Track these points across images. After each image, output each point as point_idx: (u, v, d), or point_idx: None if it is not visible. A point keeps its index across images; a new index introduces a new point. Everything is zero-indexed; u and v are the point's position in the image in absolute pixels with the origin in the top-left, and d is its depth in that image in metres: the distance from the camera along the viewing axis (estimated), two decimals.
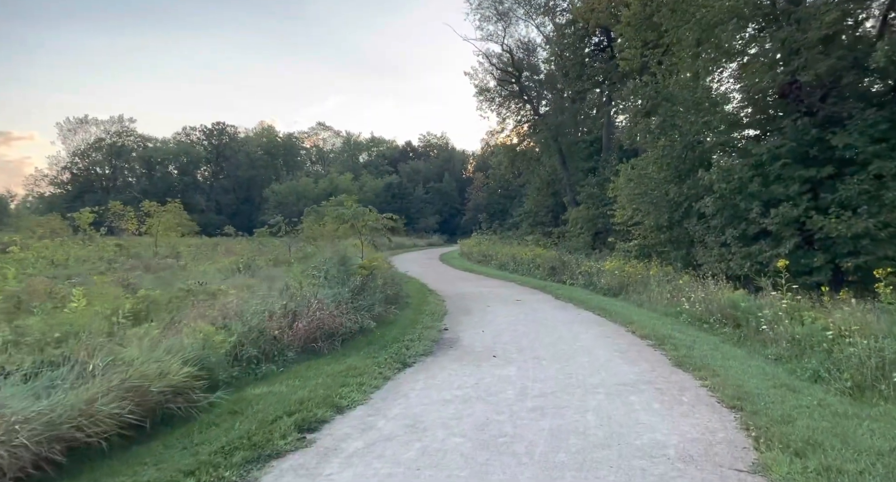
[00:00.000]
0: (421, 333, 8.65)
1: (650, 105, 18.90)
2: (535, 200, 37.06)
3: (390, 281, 12.52)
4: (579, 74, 33.58)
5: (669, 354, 7.35)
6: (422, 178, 72.45)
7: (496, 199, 60.53)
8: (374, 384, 5.75)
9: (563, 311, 11.70)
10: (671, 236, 18.55)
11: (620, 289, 14.68)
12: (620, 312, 11.23)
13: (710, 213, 15.99)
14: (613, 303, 12.94)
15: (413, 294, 14.08)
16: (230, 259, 17.02)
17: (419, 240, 53.99)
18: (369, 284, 9.82)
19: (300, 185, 68.34)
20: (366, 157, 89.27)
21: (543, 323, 10.13)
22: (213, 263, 17.33)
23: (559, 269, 18.65)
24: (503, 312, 11.45)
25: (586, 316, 11.10)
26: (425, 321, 9.86)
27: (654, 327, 9.30)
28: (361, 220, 11.72)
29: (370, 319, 9.23)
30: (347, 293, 9.08)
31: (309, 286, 8.72)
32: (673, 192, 17.85)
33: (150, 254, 22.82)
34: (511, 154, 40.10)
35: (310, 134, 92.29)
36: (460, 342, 8.32)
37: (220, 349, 5.46)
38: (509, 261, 23.17)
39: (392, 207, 65.81)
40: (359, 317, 8.60)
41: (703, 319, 9.93)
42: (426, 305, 11.93)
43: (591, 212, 26.84)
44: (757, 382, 5.78)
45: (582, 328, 9.62)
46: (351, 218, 11.43)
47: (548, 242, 29.72)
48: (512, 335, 8.92)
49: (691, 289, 11.37)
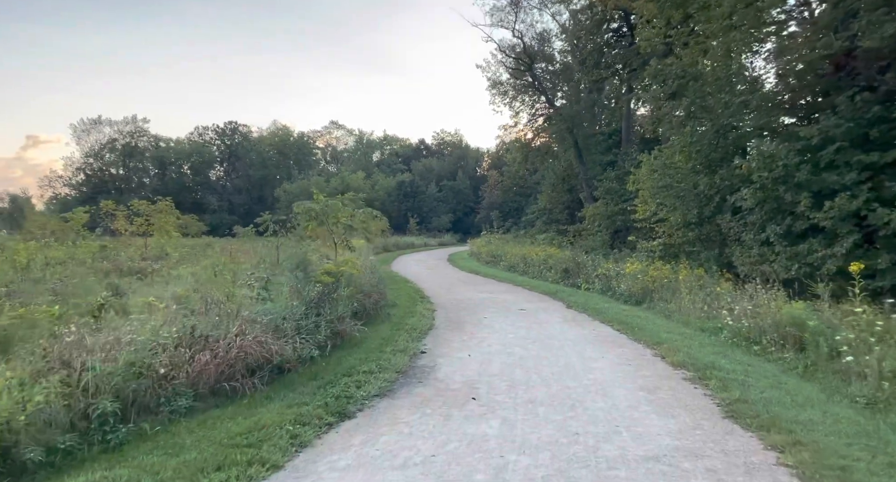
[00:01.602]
0: (388, 359, 6.72)
1: (676, 86, 16.72)
2: (550, 197, 34.91)
3: (372, 288, 10.61)
4: (597, 62, 31.62)
5: (717, 396, 5.30)
6: (435, 176, 70.62)
7: (511, 197, 58.52)
8: (273, 460, 3.80)
9: (575, 325, 9.66)
10: (701, 234, 16.38)
11: (644, 296, 12.58)
12: (645, 327, 9.17)
13: (748, 207, 13.79)
14: (636, 313, 10.87)
15: (402, 302, 12.16)
16: (205, 262, 15.29)
17: (431, 239, 52.11)
18: (331, 295, 7.91)
19: (311, 184, 66.83)
20: (379, 155, 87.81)
21: (548, 343, 8.11)
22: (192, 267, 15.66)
23: (573, 272, 16.57)
24: (501, 327, 9.46)
25: (603, 332, 9.05)
26: (401, 340, 7.92)
27: (690, 350, 7.24)
28: (332, 217, 9.82)
29: (333, 338, 7.34)
30: (300, 307, 7.18)
31: (251, 300, 6.84)
32: (703, 184, 15.69)
33: (138, 255, 21.30)
34: (525, 149, 38.11)
35: (323, 133, 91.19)
36: (435, 373, 6.36)
37: (24, 410, 3.58)
38: (519, 262, 21.13)
39: (404, 206, 64.39)
40: (314, 338, 6.69)
41: (751, 338, 7.83)
42: (411, 318, 9.99)
43: (610, 208, 24.66)
44: (862, 455, 3.73)
45: (596, 350, 7.59)
46: (319, 214, 9.53)
47: (563, 241, 27.61)
48: (505, 362, 6.93)
49: (733, 299, 9.24)
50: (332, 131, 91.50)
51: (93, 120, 76.67)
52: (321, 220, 9.59)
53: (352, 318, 8.55)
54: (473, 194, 68.74)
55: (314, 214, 9.46)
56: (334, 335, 7.50)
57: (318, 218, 9.52)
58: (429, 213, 64.21)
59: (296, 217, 9.78)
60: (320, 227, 9.66)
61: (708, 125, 15.81)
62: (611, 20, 31.07)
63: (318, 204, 9.65)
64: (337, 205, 9.88)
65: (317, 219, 9.51)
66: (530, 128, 37.33)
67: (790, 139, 13.16)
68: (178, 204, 68.63)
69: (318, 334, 6.79)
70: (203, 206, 73.47)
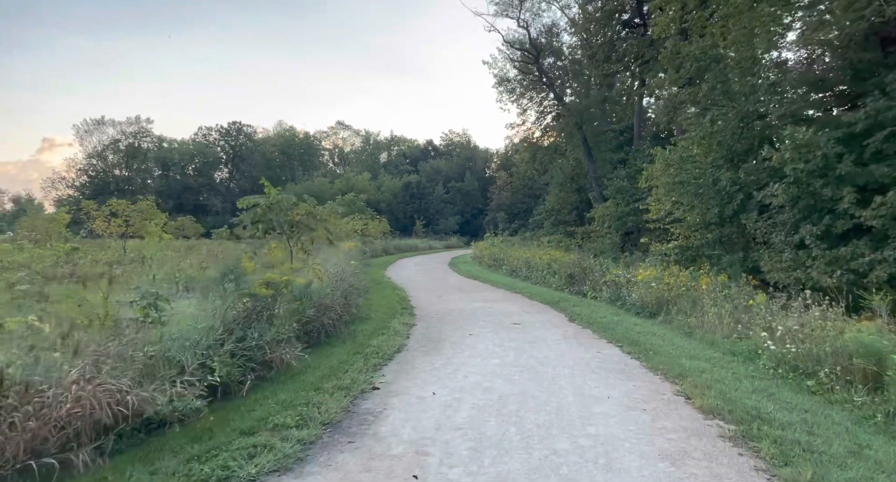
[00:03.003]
0: (320, 404, 4.98)
1: (694, 70, 14.95)
2: (558, 197, 33.18)
3: (336, 300, 8.95)
4: (607, 56, 29.96)
5: (777, 474, 3.58)
6: (442, 177, 68.93)
7: (520, 199, 56.99)
8: None
9: (576, 346, 7.94)
10: (722, 235, 14.63)
11: (659, 308, 10.83)
12: (662, 349, 7.43)
13: (778, 205, 12.03)
14: (650, 329, 9.12)
15: (378, 314, 10.51)
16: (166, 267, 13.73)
17: (437, 241, 50.37)
18: (266, 313, 6.29)
19: (315, 185, 65.52)
20: (386, 156, 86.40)
21: (540, 372, 6.41)
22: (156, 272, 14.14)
23: (579, 278, 14.82)
24: (487, 348, 7.76)
25: (609, 355, 7.32)
26: (352, 371, 6.25)
27: (724, 387, 5.52)
28: (283, 215, 8.18)
29: (263, 368, 5.71)
30: (219, 329, 5.55)
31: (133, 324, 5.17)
32: (725, 179, 13.92)
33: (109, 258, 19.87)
34: (533, 148, 36.51)
35: (329, 134, 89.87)
36: (378, 425, 4.66)
37: None
38: (522, 266, 19.39)
39: (411, 208, 62.77)
40: (228, 372, 5.06)
41: (801, 369, 6.09)
42: (380, 336, 8.32)
43: (621, 208, 22.88)
44: None
45: (600, 384, 5.88)
46: (267, 211, 7.88)
47: (571, 243, 25.86)
48: (479, 404, 5.24)
49: (773, 315, 7.48)
50: (339, 132, 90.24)
51: (96, 120, 75.93)
52: (269, 218, 7.97)
53: (298, 340, 6.91)
54: (482, 196, 67.00)
55: (260, 212, 7.83)
56: (264, 365, 5.86)
57: (265, 216, 7.89)
58: (435, 215, 62.57)
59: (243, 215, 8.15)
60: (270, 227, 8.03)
61: (731, 113, 14.03)
62: (622, 11, 29.46)
63: (267, 199, 8.01)
64: (289, 200, 8.23)
65: (263, 217, 7.89)
66: (538, 126, 35.75)
67: (830, 126, 11.37)
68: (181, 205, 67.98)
69: (230, 368, 5.14)
70: (206, 207, 72.55)
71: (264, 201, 7.97)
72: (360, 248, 23.56)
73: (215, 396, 5.06)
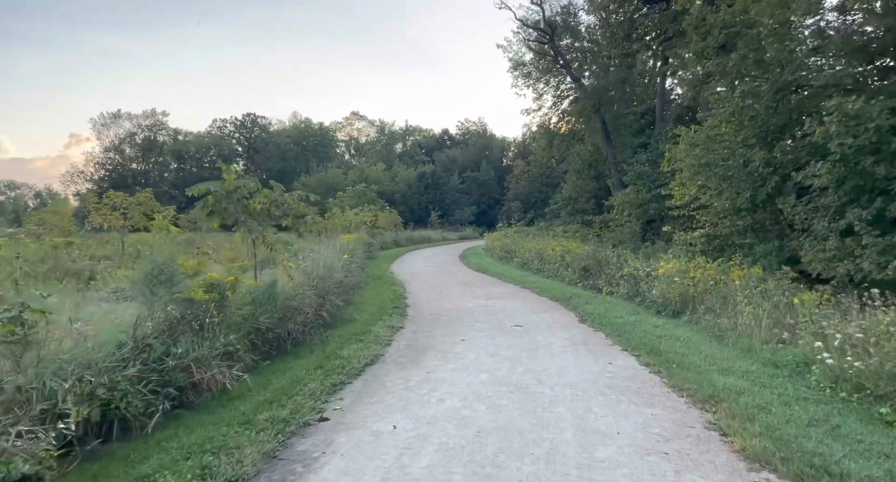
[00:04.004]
0: (235, 449, 3.78)
1: (723, 37, 13.41)
2: (575, 185, 31.65)
3: (307, 302, 7.80)
4: (627, 34, 28.35)
5: None
6: (458, 166, 67.56)
7: (537, 188, 55.53)
8: None
9: (584, 355, 6.68)
10: (754, 222, 13.16)
11: (683, 305, 9.48)
12: (688, 360, 6.13)
13: (821, 186, 10.54)
14: (673, 332, 7.81)
15: (364, 316, 9.36)
16: None
17: (452, 232, 49.19)
18: (202, 322, 5.16)
19: (329, 176, 64.74)
20: (401, 146, 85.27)
21: (536, 393, 5.17)
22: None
23: (593, 271, 13.48)
24: (477, 358, 6.54)
25: (624, 369, 6.04)
26: (304, 393, 5.02)
27: (773, 419, 4.23)
28: (241, 204, 6.99)
29: (189, 392, 4.59)
30: (126, 346, 4.44)
31: None
32: (758, 159, 12.42)
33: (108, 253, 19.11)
34: (549, 134, 35.01)
35: (344, 124, 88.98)
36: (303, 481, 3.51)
37: None
38: (534, 258, 18.08)
39: (426, 199, 61.55)
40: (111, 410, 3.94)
41: (871, 392, 4.76)
42: (356, 343, 7.14)
43: (642, 195, 21.34)
44: None
45: (610, 412, 4.63)
46: (221, 200, 6.71)
47: (588, 233, 24.41)
48: (449, 443, 4.03)
49: (827, 320, 6.11)
50: (354, 123, 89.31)
51: (112, 114, 76.24)
52: (223, 207, 6.82)
53: (252, 352, 5.78)
54: (498, 185, 65.54)
55: (212, 201, 6.67)
56: (193, 388, 4.72)
57: (218, 205, 6.74)
58: (451, 206, 61.30)
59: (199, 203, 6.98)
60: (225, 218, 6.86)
61: (765, 86, 12.50)
62: None
63: (222, 185, 6.85)
64: (248, 185, 7.06)
65: (216, 206, 6.74)
66: (555, 111, 34.16)
67: (884, 94, 9.84)
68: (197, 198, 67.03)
69: (130, 398, 3.99)
70: None
71: (215, 187, 6.82)
72: (365, 241, 22.43)
73: (109, 436, 3.94)
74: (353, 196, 36.38)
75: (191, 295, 5.33)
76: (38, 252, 17.64)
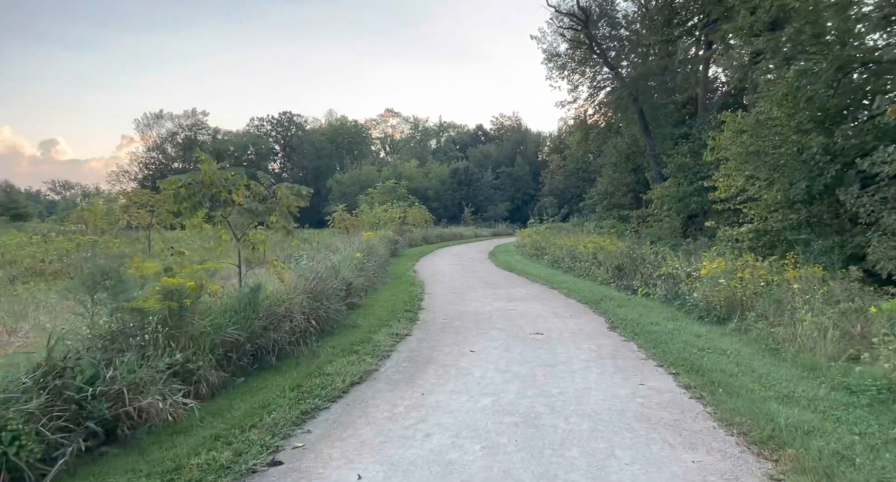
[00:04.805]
0: None
1: (775, 10, 12.04)
2: (612, 178, 30.29)
3: (305, 304, 7.03)
4: (668, 19, 26.88)
5: None
6: (492, 162, 66.33)
7: (573, 183, 54.09)
8: None
9: (611, 373, 5.67)
10: (810, 215, 11.86)
11: (730, 311, 8.32)
12: (738, 382, 5.07)
13: (892, 174, 9.20)
14: (718, 344, 6.72)
15: (370, 320, 8.56)
16: None
17: (485, 229, 48.19)
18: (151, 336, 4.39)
19: (363, 173, 64.53)
20: (435, 143, 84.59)
21: (545, 427, 4.22)
22: None
23: (628, 270, 12.34)
24: (483, 377, 5.60)
25: (658, 393, 5.02)
26: (262, 426, 4.12)
27: (860, 477, 3.18)
28: (219, 197, 6.22)
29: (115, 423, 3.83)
30: (37, 370, 3.68)
31: None
32: (815, 145, 11.14)
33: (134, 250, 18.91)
34: (584, 127, 33.68)
35: (379, 122, 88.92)
36: None
37: None
38: (565, 256, 16.97)
39: (459, 195, 60.60)
40: None
41: None
42: (350, 355, 6.30)
43: (682, 188, 19.96)
44: None
45: (638, 460, 3.64)
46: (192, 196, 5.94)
47: (625, 229, 23.09)
48: None
49: None
50: (388, 120, 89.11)
51: (155, 114, 77.90)
52: (197, 201, 6.07)
53: (222, 369, 5.02)
54: (533, 181, 64.11)
55: (184, 194, 5.92)
56: (129, 418, 3.94)
57: (191, 200, 6.00)
58: (484, 202, 60.18)
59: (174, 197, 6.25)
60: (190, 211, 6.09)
61: (824, 63, 11.14)
62: None
63: (196, 177, 6.09)
64: (224, 176, 6.28)
65: (189, 200, 6.00)
66: (591, 103, 32.75)
67: None
68: None
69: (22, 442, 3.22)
70: None
71: (187, 180, 6.04)
72: (390, 238, 21.67)
73: None
74: (383, 192, 35.73)
75: (144, 304, 4.58)
76: (59, 250, 17.57)
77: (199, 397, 4.69)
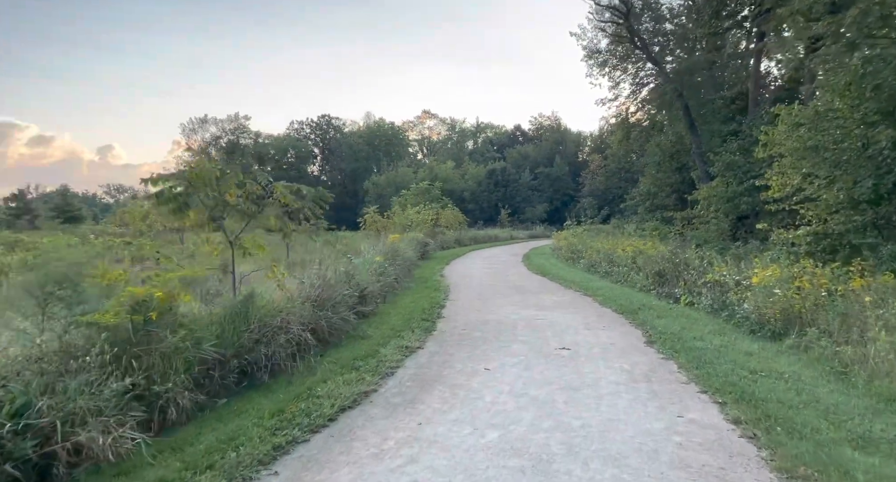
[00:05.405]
0: None
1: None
2: (654, 178, 28.97)
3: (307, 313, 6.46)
4: (716, 10, 25.54)
5: None
6: (530, 163, 65.20)
7: (615, 183, 52.55)
8: None
9: (645, 400, 4.86)
10: (877, 217, 10.67)
11: (787, 325, 7.32)
12: (800, 417, 4.20)
13: None
14: (774, 366, 5.79)
15: (385, 328, 7.96)
16: None
17: (522, 231, 47.17)
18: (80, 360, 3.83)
19: (399, 175, 64.44)
20: (472, 144, 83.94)
21: (563, 473, 3.45)
22: None
23: (669, 276, 11.35)
24: (494, 402, 4.87)
25: (703, 425, 4.20)
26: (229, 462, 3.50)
27: None
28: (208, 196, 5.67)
29: None
30: None
31: None
32: (884, 139, 9.97)
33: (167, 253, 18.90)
34: (626, 125, 32.37)
35: (416, 123, 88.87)
36: None
37: None
38: (602, 260, 16.00)
39: (495, 196, 59.71)
40: None
41: None
42: (349, 372, 5.66)
43: (731, 188, 18.67)
44: None
45: None
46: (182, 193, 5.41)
47: (668, 231, 21.84)
48: None
49: None
50: (425, 121, 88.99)
51: (200, 119, 79.99)
52: (184, 201, 5.55)
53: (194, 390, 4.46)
54: (573, 181, 62.64)
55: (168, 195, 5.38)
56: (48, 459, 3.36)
57: (177, 200, 5.47)
58: (522, 203, 59.16)
59: None
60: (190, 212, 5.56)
61: (893, 48, 9.97)
62: None
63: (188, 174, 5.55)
64: (213, 172, 5.73)
65: (175, 200, 5.48)
66: (633, 100, 31.44)
67: None
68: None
69: None
70: None
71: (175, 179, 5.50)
72: (420, 240, 21.07)
73: None
74: (416, 194, 35.22)
75: (101, 319, 4.05)
76: (88, 253, 17.65)
77: (165, 425, 4.14)
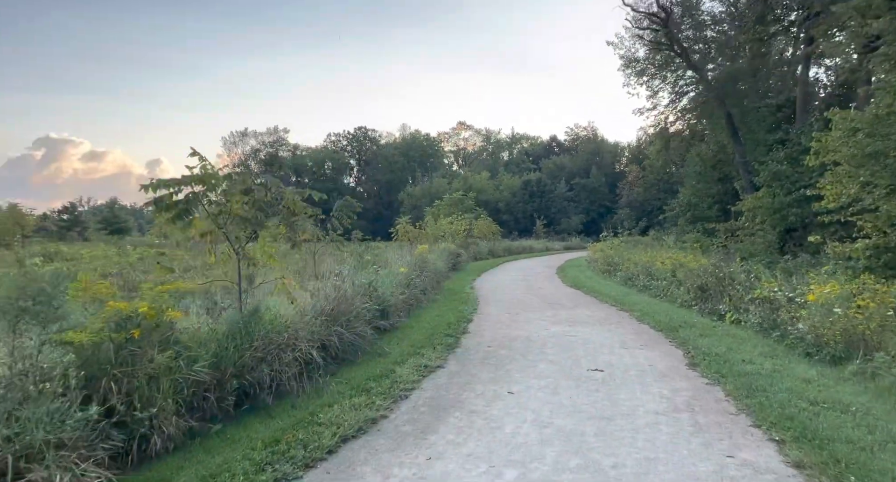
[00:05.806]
0: None
1: None
2: (695, 189, 27.94)
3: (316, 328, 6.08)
4: (761, 15, 24.60)
5: None
6: (565, 173, 64.24)
7: (654, 194, 51.31)
8: None
9: (689, 433, 4.27)
10: None
11: (849, 348, 6.56)
12: (874, 463, 3.57)
13: None
14: (835, 395, 5.11)
15: (406, 344, 7.54)
16: None
17: (557, 242, 46.27)
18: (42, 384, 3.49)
19: (434, 186, 64.41)
20: (507, 155, 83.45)
21: None
22: None
23: (713, 291, 10.59)
24: (515, 433, 4.36)
25: (757, 468, 3.61)
26: None
27: None
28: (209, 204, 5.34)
29: None
30: None
31: None
32: None
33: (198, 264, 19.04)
34: (665, 135, 31.38)
35: (451, 134, 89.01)
36: None
37: None
38: (640, 273, 15.23)
39: (531, 207, 58.98)
40: None
41: None
42: (359, 396, 5.19)
43: (779, 198, 17.66)
44: None
45: None
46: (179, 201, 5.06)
47: (710, 244, 20.83)
48: None
49: None
50: (460, 132, 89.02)
51: (240, 133, 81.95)
52: (186, 209, 5.24)
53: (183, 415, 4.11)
54: (610, 192, 61.39)
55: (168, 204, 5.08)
56: None
57: (175, 208, 5.17)
58: (557, 214, 58.22)
59: None
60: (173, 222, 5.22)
61: None
62: None
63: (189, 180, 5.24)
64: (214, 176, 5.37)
65: (175, 207, 5.18)
66: (672, 109, 30.47)
67: None
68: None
69: None
70: None
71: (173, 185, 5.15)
72: (451, 251, 20.63)
73: None
74: (450, 204, 34.87)
75: (68, 337, 3.70)
76: (120, 263, 17.84)
77: (146, 457, 3.78)
